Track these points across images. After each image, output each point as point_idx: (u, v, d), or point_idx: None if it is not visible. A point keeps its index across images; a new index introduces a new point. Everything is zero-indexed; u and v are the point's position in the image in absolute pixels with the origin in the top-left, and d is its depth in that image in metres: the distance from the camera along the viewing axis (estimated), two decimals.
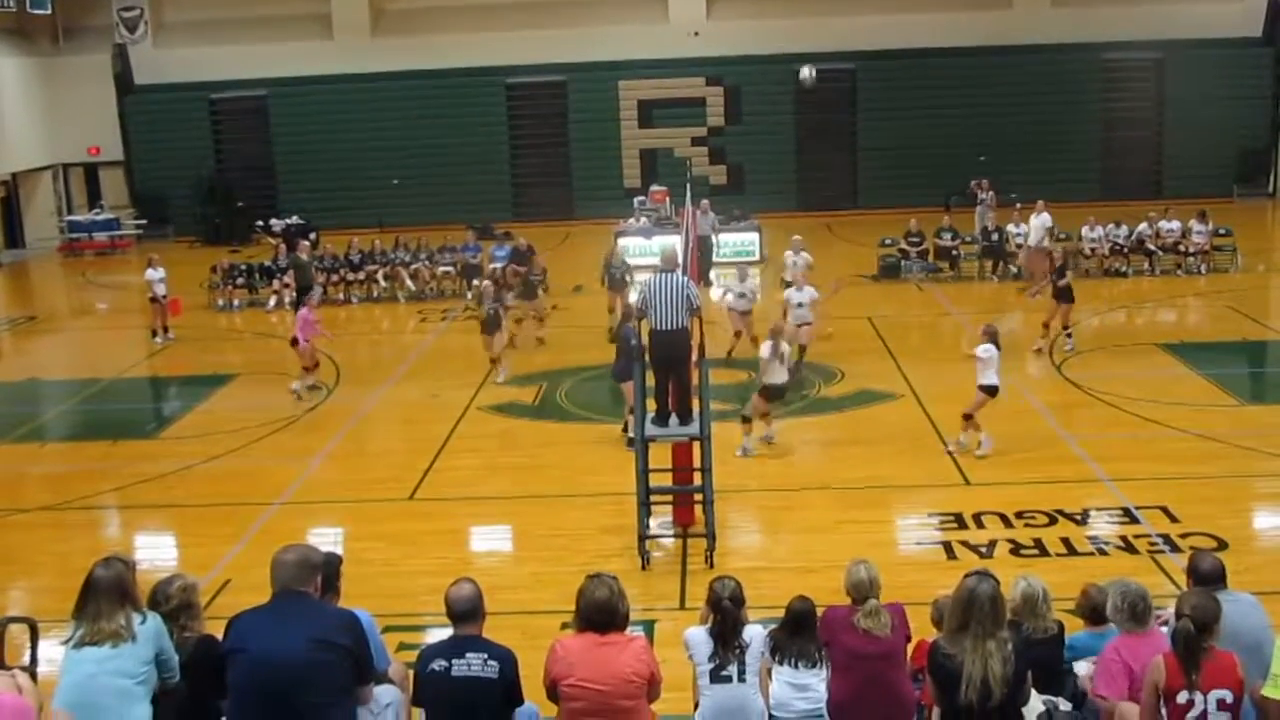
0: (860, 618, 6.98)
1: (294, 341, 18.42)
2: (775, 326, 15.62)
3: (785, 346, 15.15)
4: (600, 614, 6.34)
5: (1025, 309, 23.01)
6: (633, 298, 15.66)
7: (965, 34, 34.55)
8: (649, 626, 10.26)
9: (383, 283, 26.26)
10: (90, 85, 35.50)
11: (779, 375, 14.88)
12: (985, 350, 14.47)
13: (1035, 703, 6.37)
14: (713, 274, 25.84)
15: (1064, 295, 19.19)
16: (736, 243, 28.84)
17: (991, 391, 14.57)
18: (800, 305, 18.60)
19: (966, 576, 6.19)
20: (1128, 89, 35.16)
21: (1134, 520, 12.49)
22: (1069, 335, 19.46)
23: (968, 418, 14.73)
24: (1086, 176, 34.32)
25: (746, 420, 15.11)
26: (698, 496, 12.32)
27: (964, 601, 6.01)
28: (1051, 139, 34.17)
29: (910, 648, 7.45)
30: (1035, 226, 24.50)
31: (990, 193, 27.81)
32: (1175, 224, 25.77)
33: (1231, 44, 34.59)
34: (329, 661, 5.66)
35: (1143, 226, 25.70)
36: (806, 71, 28.03)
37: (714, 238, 27.03)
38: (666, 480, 12.64)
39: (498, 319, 18.94)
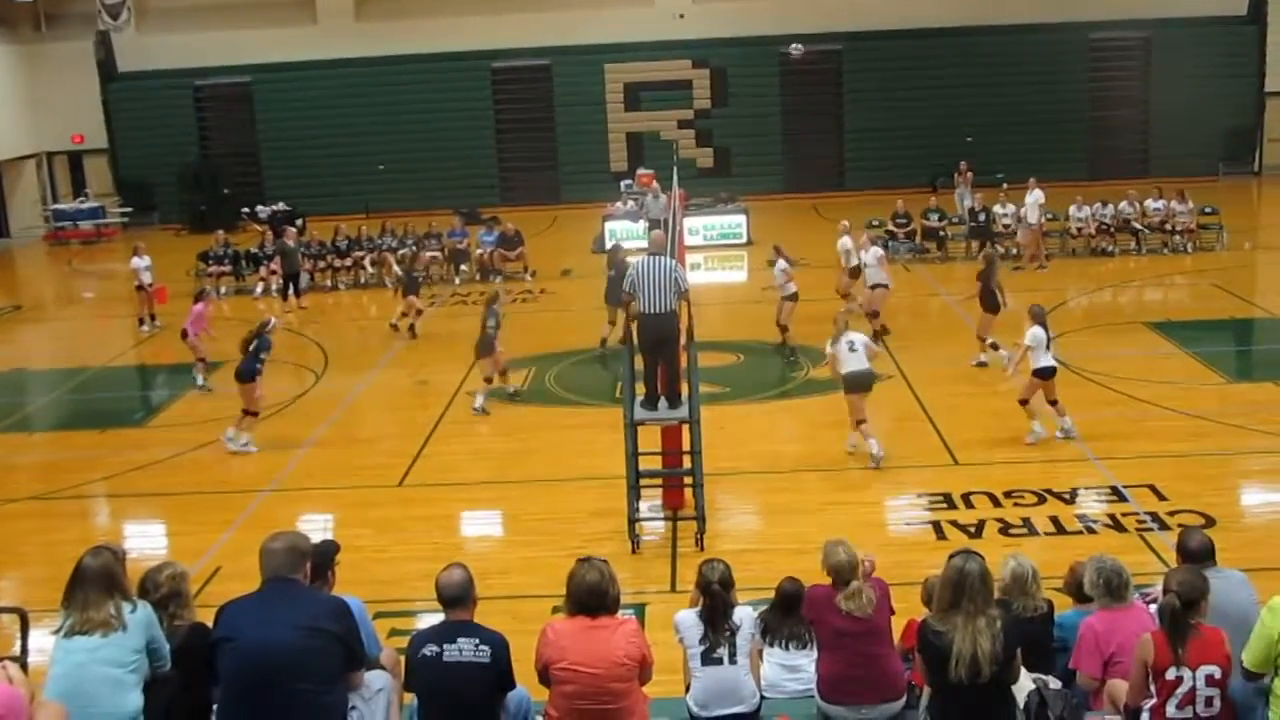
0: (841, 600, 6.98)
1: (184, 334, 18.21)
2: (837, 317, 14.66)
3: (855, 335, 14.04)
4: (591, 597, 6.34)
5: (1014, 289, 23.05)
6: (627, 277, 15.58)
7: (952, 14, 34.49)
8: (640, 610, 10.28)
9: (369, 269, 26.18)
10: (73, 72, 35.31)
11: (854, 362, 13.79)
12: (1032, 337, 14.01)
13: (1025, 681, 6.39)
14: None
15: (988, 302, 17.29)
16: (723, 225, 28.83)
17: (1044, 374, 14.08)
18: (870, 266, 18.85)
19: (953, 556, 6.21)
20: (1114, 68, 35.19)
21: (1122, 499, 12.53)
22: (995, 349, 17.24)
23: (1024, 403, 14.30)
24: (1074, 156, 34.32)
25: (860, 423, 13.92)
26: (687, 480, 12.34)
27: (953, 581, 6.03)
28: (1038, 119, 34.15)
29: (900, 628, 7.47)
30: (1030, 204, 24.46)
31: (968, 174, 27.84)
32: (1161, 203, 25.83)
33: (1217, 22, 34.59)
34: (319, 648, 5.66)
35: (1124, 205, 25.76)
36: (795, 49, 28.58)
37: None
38: (656, 464, 12.65)
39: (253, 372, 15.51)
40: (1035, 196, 24.34)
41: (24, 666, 5.98)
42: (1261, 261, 25.35)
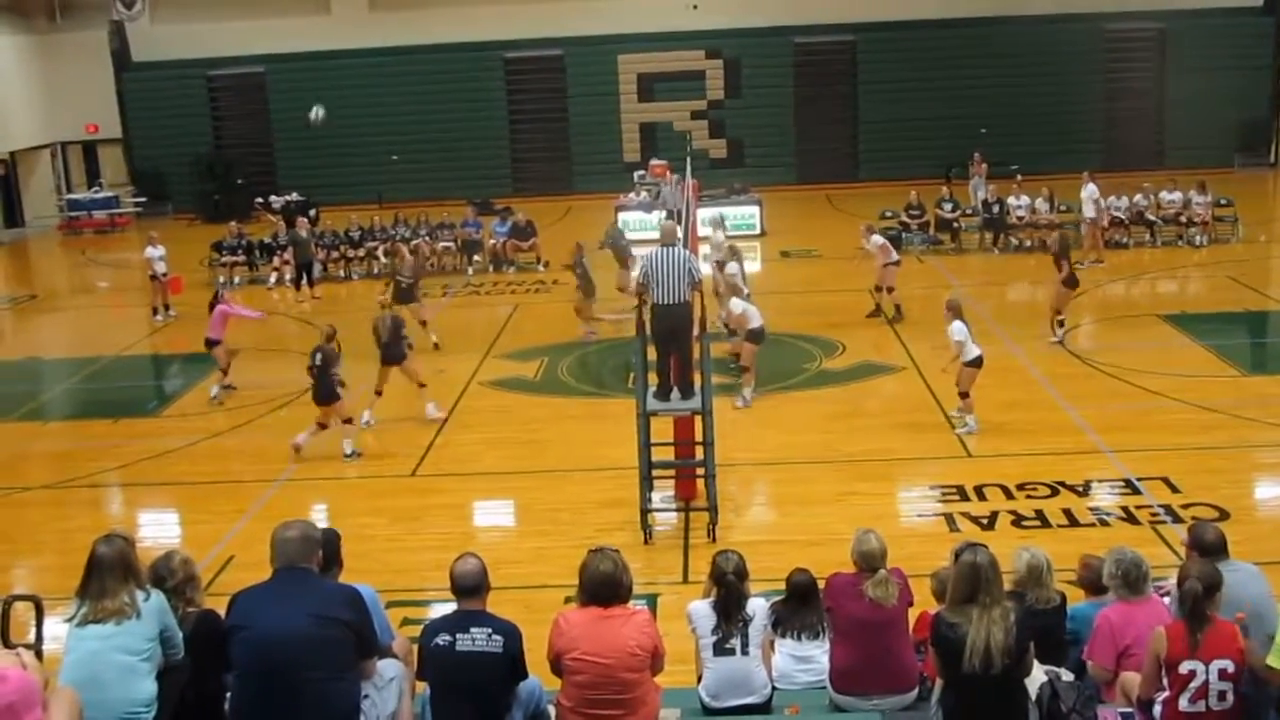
0: (869, 587, 6.98)
1: (210, 343, 17.21)
2: (731, 285, 16.95)
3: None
4: (603, 588, 6.34)
5: (1032, 280, 23.02)
6: (635, 272, 15.63)
7: (966, 5, 34.32)
8: (652, 600, 10.30)
9: (383, 259, 26.18)
10: (87, 62, 35.31)
11: (757, 319, 15.89)
12: (959, 330, 14.35)
13: (1037, 673, 6.38)
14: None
15: (1071, 280, 18.38)
16: (737, 216, 28.76)
17: (978, 363, 14.39)
18: (878, 249, 19.93)
19: (959, 552, 6.20)
20: (1129, 60, 34.97)
21: (1135, 491, 12.50)
22: (1061, 324, 18.42)
23: (964, 396, 14.58)
24: (1088, 148, 34.02)
25: (746, 370, 16.00)
26: (699, 470, 12.34)
27: (968, 575, 6.00)
28: (1053, 110, 33.97)
29: (913, 619, 7.46)
30: (1085, 198, 24.16)
31: (982, 165, 27.73)
32: (1176, 194, 25.68)
33: (1232, 14, 34.39)
34: (332, 637, 5.67)
35: (1139, 197, 25.62)
36: (315, 113, 26.04)
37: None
38: (668, 454, 12.66)
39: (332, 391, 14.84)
40: (1090, 190, 24.00)
41: (39, 654, 6.01)
42: (1276, 254, 25.20)
